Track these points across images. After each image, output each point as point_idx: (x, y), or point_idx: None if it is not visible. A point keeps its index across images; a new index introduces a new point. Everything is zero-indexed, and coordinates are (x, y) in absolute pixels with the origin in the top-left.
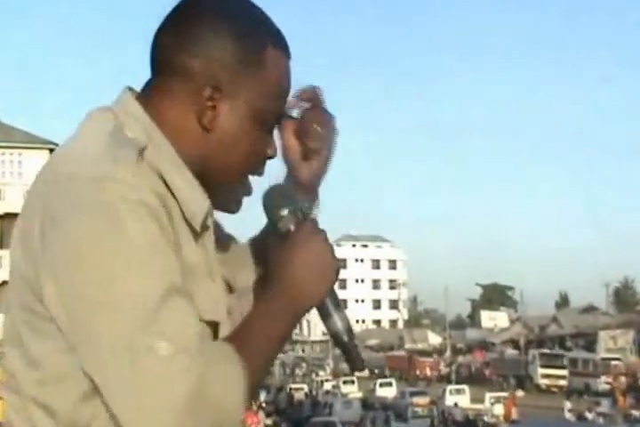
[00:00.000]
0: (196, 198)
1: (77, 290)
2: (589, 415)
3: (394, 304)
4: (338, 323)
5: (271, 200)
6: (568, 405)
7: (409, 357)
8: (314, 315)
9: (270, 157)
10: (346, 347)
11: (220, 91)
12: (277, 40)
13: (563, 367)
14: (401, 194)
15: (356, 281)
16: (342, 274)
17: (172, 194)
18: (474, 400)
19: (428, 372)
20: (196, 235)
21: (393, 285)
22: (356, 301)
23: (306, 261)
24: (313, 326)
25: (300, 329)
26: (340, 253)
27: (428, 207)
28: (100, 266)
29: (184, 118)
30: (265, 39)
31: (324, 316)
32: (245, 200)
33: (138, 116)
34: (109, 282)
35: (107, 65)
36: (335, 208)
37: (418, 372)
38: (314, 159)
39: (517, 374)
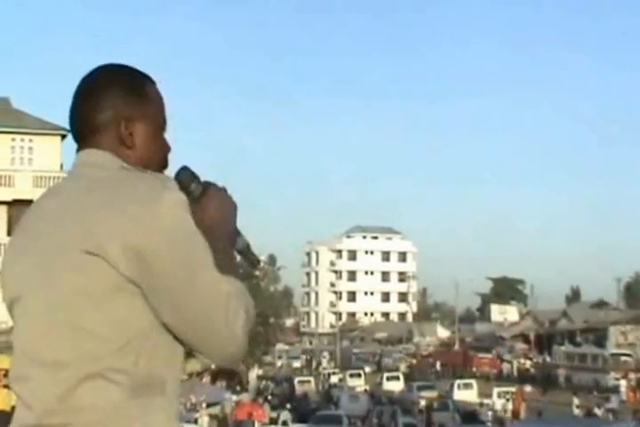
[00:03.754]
0: None
1: (186, 261)
2: (598, 412)
3: (403, 297)
4: (240, 243)
5: (182, 178)
6: (576, 401)
7: (463, 352)
8: (321, 308)
9: (169, 150)
10: (247, 257)
11: (130, 121)
12: (147, 76)
13: None
14: (412, 186)
15: (366, 273)
16: (352, 266)
17: None
18: (481, 395)
19: (487, 369)
20: None
21: (402, 277)
22: (365, 293)
23: (217, 206)
24: (321, 318)
25: (308, 322)
26: (349, 244)
27: (440, 200)
28: (193, 246)
29: (117, 148)
30: (138, 77)
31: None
32: None
33: (112, 158)
34: (199, 253)
35: (118, 51)
36: (346, 199)
37: (474, 369)
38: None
39: None
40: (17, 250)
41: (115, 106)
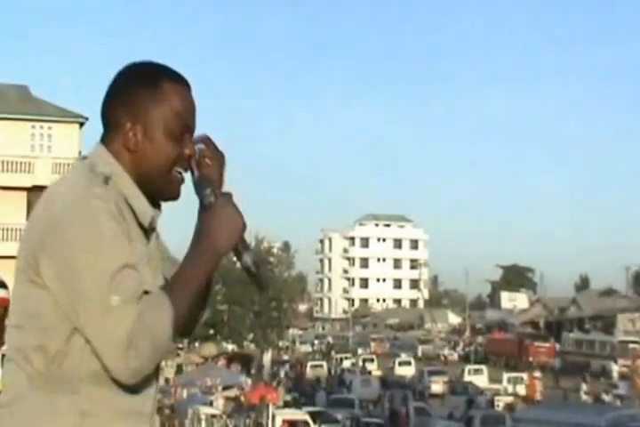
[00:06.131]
0: (143, 207)
1: (72, 263)
2: (606, 398)
3: (414, 284)
4: (248, 260)
5: (197, 183)
6: (585, 387)
7: (519, 340)
8: (334, 294)
9: (190, 156)
10: (254, 276)
11: (136, 122)
12: (173, 76)
13: None
14: (425, 175)
15: (378, 260)
16: (364, 253)
17: (130, 205)
18: (492, 380)
19: (544, 359)
20: (145, 232)
21: (414, 264)
22: (377, 280)
23: (221, 221)
24: (334, 304)
25: (321, 307)
26: (362, 232)
27: (452, 188)
28: (85, 250)
29: (120, 150)
30: (160, 78)
31: (238, 255)
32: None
33: (105, 158)
34: (92, 259)
35: (139, 40)
36: (359, 188)
37: (531, 359)
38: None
39: None
40: None
41: (124, 105)
